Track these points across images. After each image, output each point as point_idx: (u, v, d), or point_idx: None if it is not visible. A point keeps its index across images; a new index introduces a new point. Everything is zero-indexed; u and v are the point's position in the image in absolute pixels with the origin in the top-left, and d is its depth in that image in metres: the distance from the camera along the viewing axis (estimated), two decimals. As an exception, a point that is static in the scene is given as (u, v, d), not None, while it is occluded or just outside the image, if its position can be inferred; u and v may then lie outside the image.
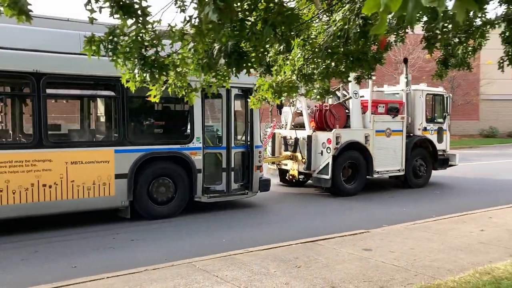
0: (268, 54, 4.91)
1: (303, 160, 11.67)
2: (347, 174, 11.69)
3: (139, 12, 3.51)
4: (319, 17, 5.55)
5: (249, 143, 9.84)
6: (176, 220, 8.65)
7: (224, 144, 9.54)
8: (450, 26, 5.18)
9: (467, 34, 5.89)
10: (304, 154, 11.64)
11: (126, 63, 3.89)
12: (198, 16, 3.18)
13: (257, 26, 3.63)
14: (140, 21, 3.55)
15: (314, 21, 5.39)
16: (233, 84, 8.80)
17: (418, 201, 11.06)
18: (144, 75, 3.90)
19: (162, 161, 8.75)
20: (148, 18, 3.58)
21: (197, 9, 3.08)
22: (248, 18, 3.78)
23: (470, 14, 5.33)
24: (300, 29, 4.88)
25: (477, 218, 8.41)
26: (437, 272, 5.40)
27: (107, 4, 3.40)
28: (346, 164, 11.56)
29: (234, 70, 4.02)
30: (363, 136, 11.76)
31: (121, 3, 3.41)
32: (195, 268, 5.50)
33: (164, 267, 5.57)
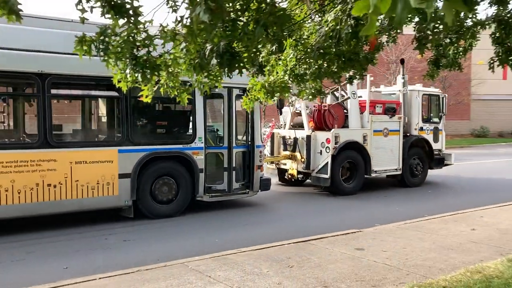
0: (261, 55, 4.92)
1: (302, 160, 11.73)
2: (346, 174, 11.79)
3: (131, 12, 3.49)
4: (312, 18, 5.56)
5: (250, 143, 9.93)
6: (173, 220, 8.66)
7: (226, 144, 9.63)
8: (441, 27, 5.21)
9: (458, 35, 5.92)
10: (303, 154, 11.71)
11: (118, 63, 3.87)
12: (190, 16, 3.17)
13: (249, 27, 3.64)
14: (132, 21, 3.53)
15: (306, 22, 5.40)
16: (234, 85, 8.87)
17: (415, 200, 11.19)
18: (136, 75, 3.88)
19: (165, 161, 8.83)
20: (140, 18, 3.57)
21: (189, 9, 3.07)
22: (240, 19, 3.78)
23: (461, 15, 5.36)
24: (292, 30, 4.89)
25: (468, 218, 8.47)
26: (429, 271, 5.43)
27: (98, 4, 3.39)
28: (345, 164, 11.67)
29: (226, 70, 4.02)
30: (361, 136, 11.85)
31: (113, 3, 3.39)
32: (188, 269, 5.49)
33: (157, 268, 5.56)
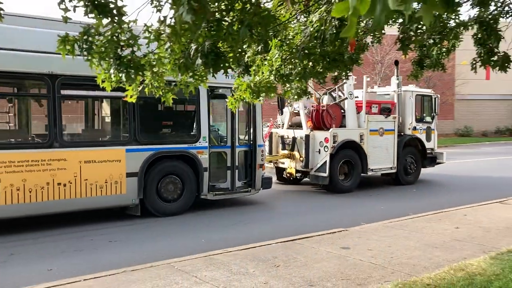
0: (246, 55, 4.93)
1: (301, 159, 11.88)
2: (343, 172, 12.00)
3: (115, 12, 3.47)
4: (297, 18, 5.59)
5: (252, 142, 10.10)
6: (170, 219, 8.69)
7: (229, 143, 9.83)
8: (424, 28, 5.27)
9: (441, 36, 5.99)
10: (302, 153, 11.86)
11: (102, 63, 3.84)
12: (173, 16, 3.16)
13: (234, 27, 3.64)
14: (116, 21, 3.51)
15: (292, 22, 5.42)
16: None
17: (402, 198, 11.41)
18: (120, 75, 3.86)
19: (170, 160, 8.99)
20: (124, 18, 3.55)
21: (172, 9, 3.06)
22: (225, 19, 3.78)
23: (444, 16, 5.43)
24: (278, 30, 4.90)
25: (452, 216, 8.59)
26: (413, 269, 5.50)
27: (82, 3, 3.36)
28: (342, 162, 11.85)
29: (212, 70, 4.02)
30: (358, 135, 12.07)
31: (96, 2, 3.36)
32: (174, 269, 5.48)
33: (143, 268, 5.53)
